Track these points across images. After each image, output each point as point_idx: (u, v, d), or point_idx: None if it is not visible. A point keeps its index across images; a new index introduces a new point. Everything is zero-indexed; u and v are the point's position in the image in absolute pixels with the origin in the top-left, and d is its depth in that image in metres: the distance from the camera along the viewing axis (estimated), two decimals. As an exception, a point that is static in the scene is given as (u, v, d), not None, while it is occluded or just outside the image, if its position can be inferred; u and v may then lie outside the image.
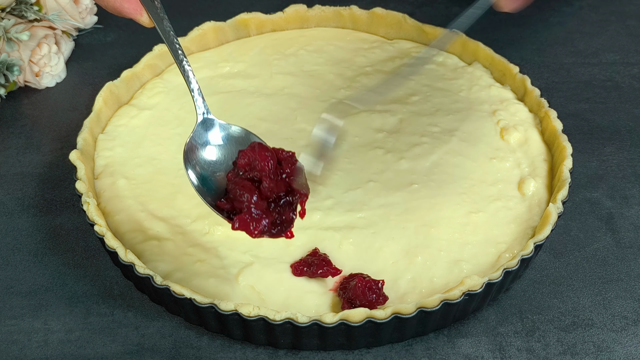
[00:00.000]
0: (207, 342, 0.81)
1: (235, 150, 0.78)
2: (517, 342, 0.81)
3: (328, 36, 1.12)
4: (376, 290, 0.78)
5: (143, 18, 0.83)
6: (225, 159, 0.80)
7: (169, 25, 0.83)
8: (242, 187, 0.73)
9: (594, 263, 0.89)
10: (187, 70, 0.82)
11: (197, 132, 0.81)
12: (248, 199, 0.73)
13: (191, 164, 0.79)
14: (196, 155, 0.79)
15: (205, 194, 0.77)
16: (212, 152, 0.80)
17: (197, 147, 0.80)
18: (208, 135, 0.81)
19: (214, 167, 0.79)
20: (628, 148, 1.04)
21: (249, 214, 0.73)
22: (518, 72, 1.02)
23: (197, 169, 0.78)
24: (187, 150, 0.79)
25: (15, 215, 0.95)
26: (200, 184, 0.77)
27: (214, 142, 0.81)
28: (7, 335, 0.82)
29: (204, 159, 0.80)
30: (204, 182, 0.78)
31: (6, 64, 1.07)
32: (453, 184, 0.91)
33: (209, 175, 0.78)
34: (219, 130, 0.81)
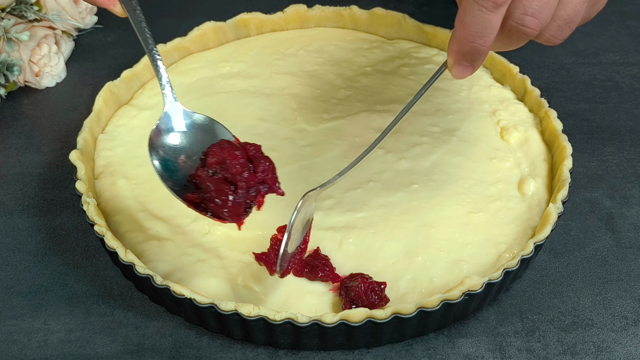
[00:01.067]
0: (207, 342, 0.81)
1: (200, 138, 0.81)
2: (517, 342, 0.82)
3: (328, 36, 1.12)
4: (378, 293, 0.78)
5: (116, 8, 0.85)
6: (190, 146, 0.81)
7: (141, 16, 0.84)
8: (219, 191, 0.75)
9: (594, 263, 0.89)
10: (156, 59, 0.84)
11: (163, 119, 0.82)
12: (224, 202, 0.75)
13: (155, 150, 0.80)
14: (161, 141, 0.81)
15: (167, 179, 0.78)
16: (176, 138, 0.82)
17: (162, 133, 0.81)
18: (173, 121, 0.82)
19: (177, 153, 0.81)
20: (628, 148, 1.04)
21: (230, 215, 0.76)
22: (518, 72, 1.02)
23: (161, 153, 0.80)
24: (152, 137, 0.81)
25: (15, 215, 0.95)
26: (162, 169, 0.79)
27: (178, 128, 0.82)
28: (7, 335, 0.82)
29: (168, 145, 0.81)
30: (166, 167, 0.79)
31: (6, 64, 1.07)
32: (453, 184, 0.91)
33: (172, 160, 0.80)
34: (182, 117, 0.83)
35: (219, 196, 0.75)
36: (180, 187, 0.78)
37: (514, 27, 0.71)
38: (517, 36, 0.73)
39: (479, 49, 0.72)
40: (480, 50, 0.72)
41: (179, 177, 0.79)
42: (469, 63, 0.74)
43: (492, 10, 0.70)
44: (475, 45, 0.72)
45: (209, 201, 0.76)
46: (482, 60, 0.75)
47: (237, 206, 0.76)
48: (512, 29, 0.72)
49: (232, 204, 0.75)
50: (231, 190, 0.76)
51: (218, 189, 0.75)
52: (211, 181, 0.76)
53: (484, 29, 0.71)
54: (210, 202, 0.76)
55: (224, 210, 0.75)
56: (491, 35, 0.71)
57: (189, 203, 0.77)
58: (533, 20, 0.71)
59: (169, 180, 0.78)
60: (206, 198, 0.76)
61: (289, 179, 0.90)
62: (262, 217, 0.86)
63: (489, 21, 0.70)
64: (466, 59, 0.74)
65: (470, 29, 0.71)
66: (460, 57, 0.74)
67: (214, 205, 0.75)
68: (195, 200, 0.77)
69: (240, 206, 0.76)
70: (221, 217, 0.76)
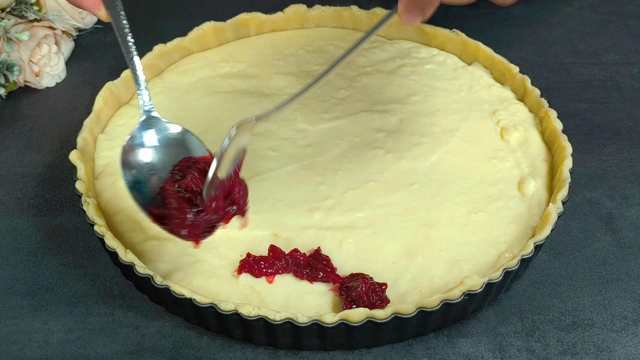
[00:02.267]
0: (207, 342, 0.81)
1: (174, 152, 0.81)
2: (517, 342, 0.82)
3: (328, 36, 1.12)
4: (379, 293, 0.78)
5: (101, 13, 0.86)
6: (162, 159, 0.82)
7: (125, 22, 0.85)
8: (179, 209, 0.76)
9: (594, 263, 0.89)
10: (136, 67, 0.85)
11: (137, 132, 0.83)
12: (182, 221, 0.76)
13: (128, 162, 0.81)
14: (134, 154, 0.81)
15: (138, 197, 0.79)
16: (148, 152, 0.82)
17: (135, 147, 0.82)
18: (145, 135, 0.83)
19: (149, 167, 0.81)
20: (628, 148, 1.04)
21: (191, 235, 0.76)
22: (518, 72, 1.02)
23: (133, 170, 0.80)
24: (126, 150, 0.81)
25: (15, 215, 0.95)
26: (133, 181, 0.80)
27: (149, 143, 0.82)
28: (7, 335, 0.82)
29: (140, 158, 0.81)
30: (137, 180, 0.80)
31: (6, 64, 1.07)
32: (453, 184, 0.91)
33: (143, 177, 0.80)
34: (154, 132, 0.83)
35: (178, 214, 0.75)
36: (148, 200, 0.79)
37: None
38: None
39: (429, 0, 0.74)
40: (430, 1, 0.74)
41: (148, 189, 0.79)
42: (419, 9, 0.76)
43: None
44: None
45: (169, 218, 0.76)
46: (432, 10, 0.76)
47: (195, 227, 0.76)
48: None
49: (190, 224, 0.75)
50: (192, 211, 0.76)
51: (179, 207, 0.76)
52: (175, 197, 0.76)
53: None
54: (170, 219, 0.76)
55: (181, 230, 0.76)
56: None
57: (153, 217, 0.77)
58: None
59: (138, 192, 0.79)
60: (166, 215, 0.76)
61: (289, 179, 0.90)
62: (262, 217, 0.86)
63: None
64: (417, 5, 0.75)
65: None
66: (410, 5, 0.75)
67: (171, 222, 0.76)
68: (159, 215, 0.77)
69: (199, 227, 0.76)
70: (178, 235, 0.76)
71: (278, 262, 0.81)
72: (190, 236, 0.76)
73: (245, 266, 0.81)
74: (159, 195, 0.78)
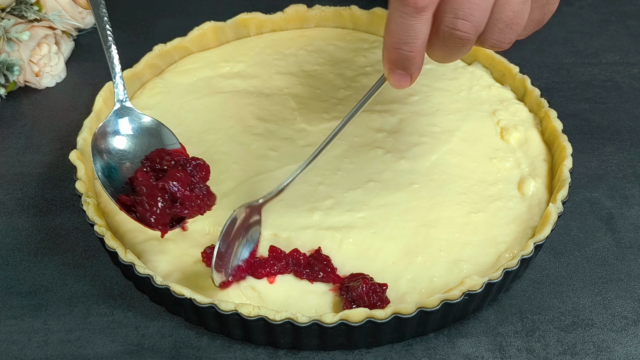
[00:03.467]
0: (207, 342, 0.81)
1: (146, 141, 0.82)
2: (517, 342, 0.82)
3: (328, 36, 1.12)
4: (379, 294, 0.78)
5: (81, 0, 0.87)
6: (134, 149, 0.82)
7: (104, 11, 0.86)
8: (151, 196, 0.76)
9: (594, 263, 0.89)
10: (113, 56, 0.86)
11: (110, 120, 0.83)
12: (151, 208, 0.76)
13: (99, 151, 0.81)
14: (106, 142, 0.82)
15: (108, 185, 0.79)
16: (122, 140, 0.83)
17: (108, 135, 0.82)
18: (119, 123, 0.83)
19: (120, 155, 0.82)
20: (628, 148, 1.04)
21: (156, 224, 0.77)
22: (518, 72, 1.02)
23: (105, 158, 0.81)
24: (97, 137, 0.82)
25: (15, 215, 0.95)
26: (103, 169, 0.80)
27: (124, 131, 0.83)
28: (7, 335, 0.82)
29: (113, 147, 0.82)
30: (107, 167, 0.80)
31: (6, 64, 1.07)
32: (453, 184, 0.91)
33: (114, 161, 0.81)
34: (128, 120, 0.84)
35: (149, 200, 0.76)
36: (117, 189, 0.79)
37: (447, 33, 0.69)
38: (454, 42, 0.69)
39: (408, 56, 0.70)
40: (409, 57, 0.70)
41: (118, 178, 0.80)
42: (403, 71, 0.72)
43: (415, 15, 0.67)
44: (402, 52, 0.69)
45: (139, 204, 0.76)
46: (416, 68, 0.72)
47: (164, 215, 0.77)
48: (446, 35, 0.69)
49: (160, 212, 0.76)
50: (164, 198, 0.76)
51: (150, 194, 0.76)
52: (146, 185, 0.77)
53: (409, 36, 0.68)
54: (140, 206, 0.76)
55: (151, 215, 0.76)
56: (417, 41, 0.69)
57: (121, 205, 0.78)
58: (465, 23, 0.68)
59: (107, 180, 0.79)
60: (137, 201, 0.77)
61: (289, 179, 0.90)
62: (261, 218, 0.86)
63: (413, 27, 0.68)
64: (398, 67, 0.72)
65: (395, 36, 0.69)
66: (392, 65, 0.72)
67: (142, 208, 0.76)
68: (127, 203, 0.78)
69: (168, 216, 0.77)
70: (146, 222, 0.76)
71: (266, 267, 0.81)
72: (158, 222, 0.77)
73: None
74: (127, 184, 0.79)
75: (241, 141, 0.95)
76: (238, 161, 0.92)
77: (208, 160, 0.83)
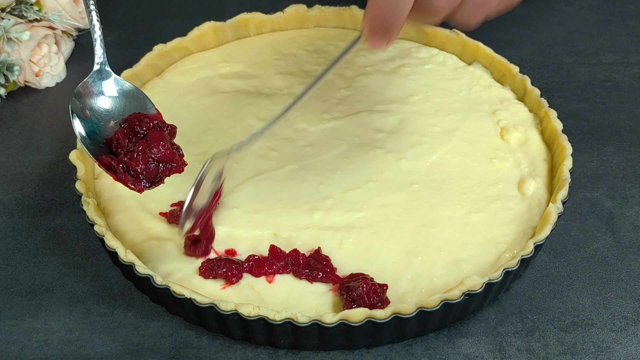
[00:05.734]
0: (207, 342, 0.81)
1: (126, 104, 0.83)
2: (517, 342, 0.82)
3: (328, 36, 1.12)
4: (380, 295, 0.78)
5: None
6: (116, 111, 0.83)
7: None
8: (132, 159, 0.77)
9: (594, 263, 0.89)
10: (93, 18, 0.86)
11: (92, 80, 0.84)
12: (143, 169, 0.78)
13: (80, 108, 0.82)
14: (89, 101, 0.83)
15: (88, 143, 0.80)
16: (105, 101, 0.84)
17: (92, 94, 0.83)
18: (103, 85, 0.84)
19: (101, 115, 0.82)
20: (628, 148, 1.04)
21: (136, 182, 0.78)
22: (518, 72, 1.02)
23: (88, 115, 0.82)
24: (82, 95, 0.82)
25: (15, 215, 0.95)
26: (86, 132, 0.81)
27: (108, 93, 0.84)
28: (7, 335, 0.82)
29: (98, 107, 0.83)
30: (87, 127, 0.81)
31: (6, 64, 1.07)
32: (453, 184, 0.91)
33: (95, 121, 0.82)
34: (113, 82, 0.85)
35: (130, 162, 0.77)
36: (95, 147, 0.80)
37: (424, 4, 0.74)
38: (429, 12, 0.75)
39: (392, 23, 0.75)
40: (393, 24, 0.75)
41: (96, 138, 0.80)
42: (383, 35, 0.76)
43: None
44: (387, 19, 0.74)
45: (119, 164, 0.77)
46: (396, 33, 0.76)
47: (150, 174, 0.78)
48: (423, 6, 0.74)
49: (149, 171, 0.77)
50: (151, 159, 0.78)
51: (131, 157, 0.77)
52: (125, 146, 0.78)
53: (395, 8, 0.73)
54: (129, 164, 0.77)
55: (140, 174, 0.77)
56: (403, 13, 0.74)
57: (100, 163, 0.78)
58: (441, 1, 0.74)
59: (87, 139, 0.80)
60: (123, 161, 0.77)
61: (289, 178, 0.90)
62: (262, 217, 0.86)
63: (400, 2, 0.73)
64: (380, 31, 0.76)
65: (382, 5, 0.74)
66: (373, 29, 0.76)
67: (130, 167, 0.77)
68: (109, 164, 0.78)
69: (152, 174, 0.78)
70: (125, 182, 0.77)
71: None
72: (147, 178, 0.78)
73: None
74: (104, 144, 0.80)
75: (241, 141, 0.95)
76: (238, 161, 0.92)
77: None
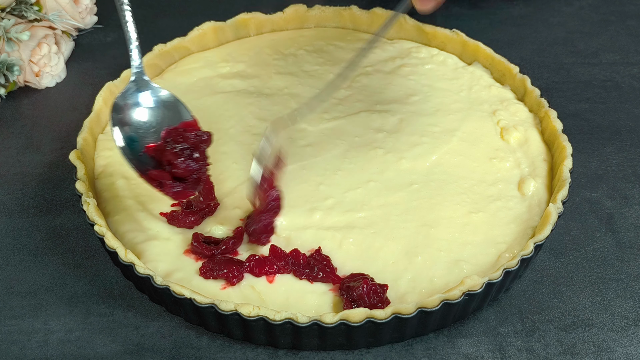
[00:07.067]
0: (207, 342, 0.81)
1: (164, 114, 0.85)
2: (517, 342, 0.82)
3: (328, 36, 1.12)
4: (380, 295, 0.78)
5: None
6: (153, 122, 0.85)
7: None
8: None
9: (594, 263, 0.89)
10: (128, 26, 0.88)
11: (131, 91, 0.85)
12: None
13: (120, 122, 0.83)
14: (128, 113, 0.84)
15: (129, 154, 0.82)
16: (143, 112, 0.85)
17: (130, 106, 0.85)
18: (140, 96, 0.86)
19: (141, 128, 0.84)
20: (628, 148, 1.04)
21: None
22: (518, 72, 1.02)
23: (126, 130, 0.83)
24: (120, 107, 0.84)
25: (15, 215, 0.95)
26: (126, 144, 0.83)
27: (145, 104, 0.85)
28: (7, 335, 0.82)
29: (135, 120, 0.84)
30: (129, 141, 0.83)
31: (6, 64, 1.07)
32: (453, 184, 0.91)
33: (135, 135, 0.83)
34: (150, 93, 0.86)
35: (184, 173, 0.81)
36: (135, 157, 0.82)
37: None
38: None
39: None
40: None
41: (136, 148, 0.82)
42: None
43: None
44: None
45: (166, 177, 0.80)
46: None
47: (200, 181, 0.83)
48: None
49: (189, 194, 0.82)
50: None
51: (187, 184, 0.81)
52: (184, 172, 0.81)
53: None
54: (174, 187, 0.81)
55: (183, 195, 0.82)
56: None
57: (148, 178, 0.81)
58: None
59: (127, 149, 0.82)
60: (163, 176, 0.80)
61: (289, 178, 0.90)
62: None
63: None
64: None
65: None
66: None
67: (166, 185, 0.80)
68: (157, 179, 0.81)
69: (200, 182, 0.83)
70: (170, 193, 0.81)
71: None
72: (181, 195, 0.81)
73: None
74: (143, 153, 0.82)
75: (241, 141, 0.95)
76: (238, 161, 0.92)
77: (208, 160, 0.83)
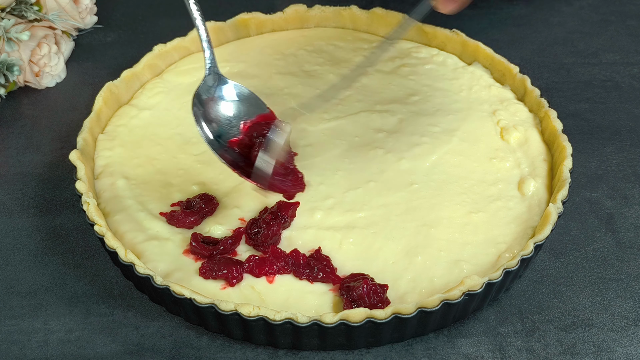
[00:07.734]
0: (207, 342, 0.81)
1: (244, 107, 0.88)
2: (517, 342, 0.82)
3: (328, 36, 1.12)
4: (380, 295, 0.78)
5: None
6: (237, 115, 0.87)
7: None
8: None
9: (594, 263, 0.89)
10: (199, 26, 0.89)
11: (211, 86, 0.87)
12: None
13: (204, 116, 0.85)
14: (212, 108, 0.86)
15: (217, 146, 0.83)
16: (228, 107, 0.87)
17: (214, 101, 0.87)
18: (223, 89, 0.88)
19: (227, 120, 0.86)
20: (628, 148, 1.04)
21: None
22: (518, 72, 1.02)
23: (214, 125, 0.85)
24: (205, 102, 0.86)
25: (15, 215, 0.95)
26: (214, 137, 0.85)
27: (229, 97, 0.88)
28: (7, 335, 0.82)
29: (221, 113, 0.87)
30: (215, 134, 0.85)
31: (6, 64, 1.07)
32: (453, 184, 0.91)
33: (223, 129, 0.86)
34: (233, 86, 0.88)
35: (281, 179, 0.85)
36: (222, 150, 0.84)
37: None
38: None
39: None
40: None
41: (220, 141, 0.84)
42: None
43: None
44: None
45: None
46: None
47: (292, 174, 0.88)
48: None
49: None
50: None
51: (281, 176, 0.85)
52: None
53: None
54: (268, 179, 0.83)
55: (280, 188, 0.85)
56: None
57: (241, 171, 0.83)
58: None
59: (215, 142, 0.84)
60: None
61: (289, 179, 0.90)
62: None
63: None
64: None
65: None
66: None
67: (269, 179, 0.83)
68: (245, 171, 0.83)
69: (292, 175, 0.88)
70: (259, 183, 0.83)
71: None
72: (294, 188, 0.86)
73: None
74: (229, 147, 0.84)
75: (241, 141, 0.95)
76: (238, 161, 0.92)
77: (208, 160, 0.83)
